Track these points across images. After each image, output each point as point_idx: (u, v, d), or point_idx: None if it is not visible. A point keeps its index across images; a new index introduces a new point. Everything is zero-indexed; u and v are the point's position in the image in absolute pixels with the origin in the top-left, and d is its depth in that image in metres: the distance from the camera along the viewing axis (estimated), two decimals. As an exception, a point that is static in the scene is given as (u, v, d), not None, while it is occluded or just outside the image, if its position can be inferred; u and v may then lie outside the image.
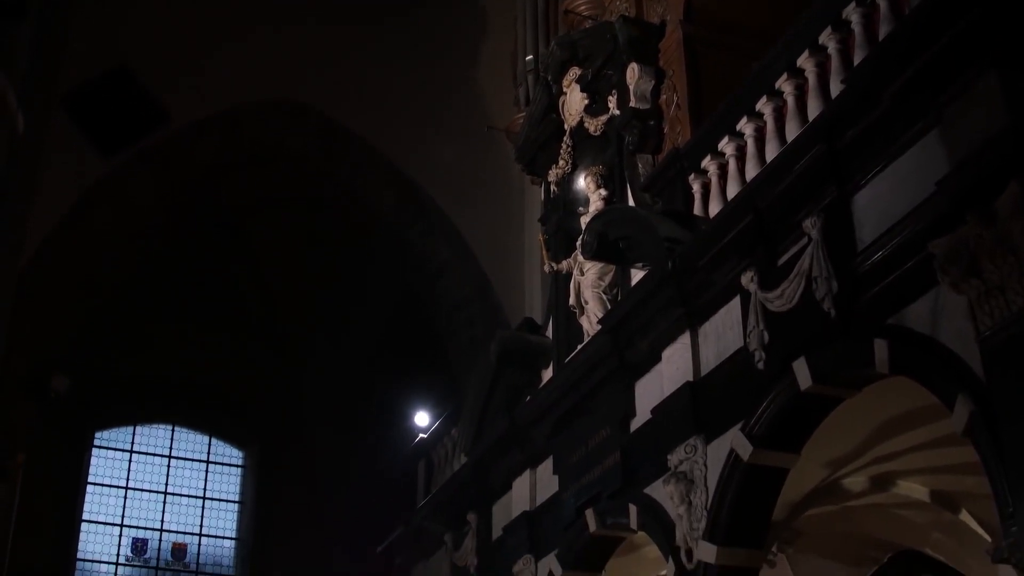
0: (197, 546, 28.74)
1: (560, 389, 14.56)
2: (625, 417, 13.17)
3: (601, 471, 13.48)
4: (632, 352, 12.94)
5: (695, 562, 11.15)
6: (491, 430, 16.38)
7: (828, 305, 9.48)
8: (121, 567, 27.85)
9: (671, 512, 11.65)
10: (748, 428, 10.64)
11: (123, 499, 28.35)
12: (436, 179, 24.18)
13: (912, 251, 8.64)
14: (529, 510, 15.52)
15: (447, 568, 18.11)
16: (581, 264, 14.46)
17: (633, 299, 12.73)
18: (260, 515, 28.77)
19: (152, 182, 23.54)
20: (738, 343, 11.01)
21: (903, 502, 12.49)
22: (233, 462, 29.81)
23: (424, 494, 19.98)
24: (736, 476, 10.81)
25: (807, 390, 9.99)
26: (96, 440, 28.38)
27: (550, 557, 14.65)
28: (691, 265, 11.51)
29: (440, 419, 20.01)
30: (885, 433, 11.13)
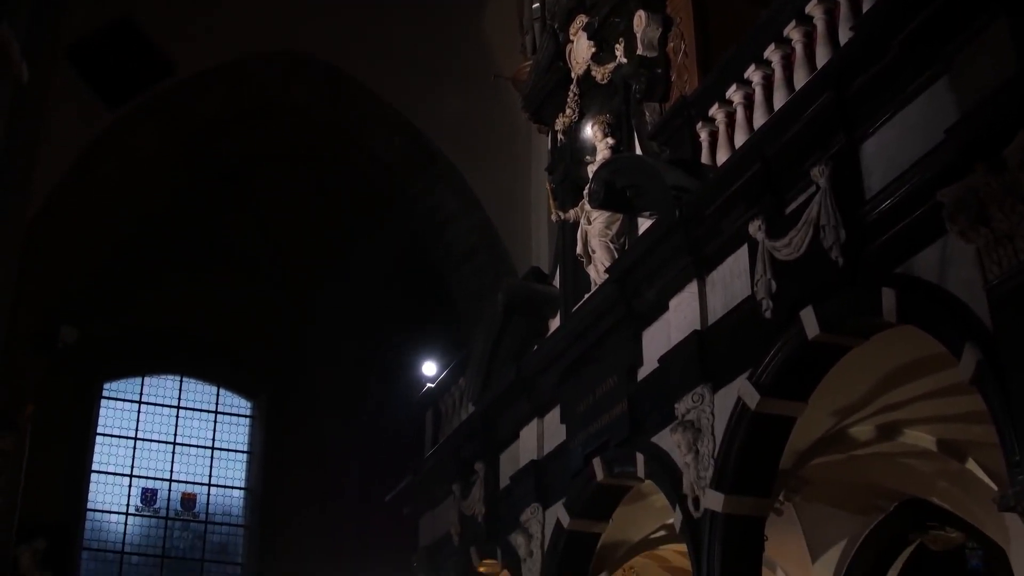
0: (206, 496, 28.90)
1: (567, 338, 14.57)
2: (632, 366, 13.18)
3: (608, 420, 13.51)
4: (639, 301, 12.94)
5: (702, 510, 11.18)
6: (498, 379, 16.42)
7: (836, 254, 9.46)
8: (131, 517, 28.01)
9: (678, 461, 11.67)
10: (755, 377, 10.64)
11: (132, 450, 28.48)
12: (442, 128, 24.11)
13: (920, 199, 8.60)
14: (536, 459, 15.57)
15: (455, 517, 18.19)
16: (588, 213, 14.42)
17: (640, 248, 12.71)
18: (268, 465, 28.89)
19: (157, 134, 23.49)
20: (746, 292, 11.00)
21: (910, 451, 12.51)
22: (241, 412, 29.93)
23: (432, 443, 20.05)
24: (743, 425, 10.83)
25: (814, 339, 9.99)
26: (105, 391, 28.49)
27: (557, 506, 14.71)
28: (698, 214, 11.48)
29: (447, 369, 20.04)
30: (892, 382, 11.13)
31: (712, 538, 10.99)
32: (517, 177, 22.65)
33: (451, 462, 18.51)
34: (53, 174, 20.97)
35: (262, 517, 28.54)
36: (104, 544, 27.58)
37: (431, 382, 20.56)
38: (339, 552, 26.19)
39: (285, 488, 28.07)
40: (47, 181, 20.66)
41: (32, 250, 18.44)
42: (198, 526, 28.71)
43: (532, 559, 15.16)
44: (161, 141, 23.70)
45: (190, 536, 28.65)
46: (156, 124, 23.26)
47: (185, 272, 27.14)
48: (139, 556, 27.87)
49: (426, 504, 20.01)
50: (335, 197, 26.94)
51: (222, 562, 28.62)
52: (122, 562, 27.62)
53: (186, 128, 24.02)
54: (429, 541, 19.77)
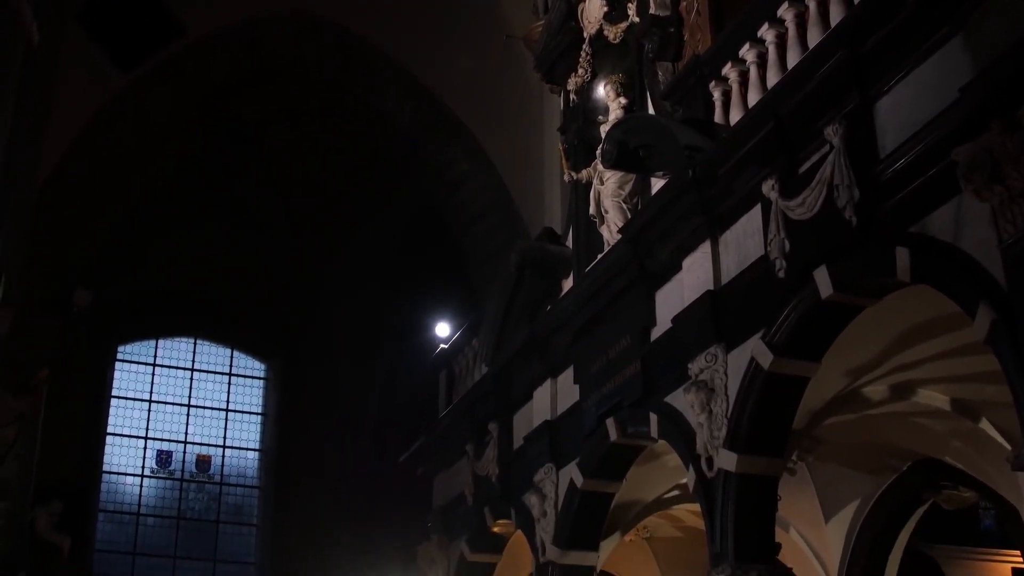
0: (221, 457, 29.01)
1: (580, 299, 14.57)
2: (646, 326, 13.18)
3: (622, 380, 13.53)
4: (652, 261, 12.92)
5: (715, 470, 11.20)
6: (512, 340, 16.44)
7: (850, 213, 9.43)
8: (146, 479, 28.14)
9: (691, 421, 11.69)
10: (769, 337, 10.64)
11: (147, 412, 28.59)
12: (454, 89, 24.04)
13: (935, 158, 8.56)
14: (550, 419, 15.60)
15: (469, 477, 18.25)
16: (601, 173, 14.39)
17: (653, 208, 12.68)
18: (283, 426, 28.99)
19: (170, 97, 23.47)
20: (759, 251, 10.97)
21: (923, 410, 12.50)
22: (255, 374, 29.99)
23: (445, 404, 20.09)
24: (756, 385, 10.83)
25: (828, 298, 9.97)
26: (119, 354, 28.57)
27: (571, 466, 14.75)
28: (712, 173, 11.44)
29: (461, 330, 20.06)
30: (906, 341, 11.12)
31: (725, 498, 11.01)
32: (529, 138, 22.58)
33: (465, 423, 18.56)
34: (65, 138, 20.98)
35: (277, 478, 28.65)
36: (120, 506, 27.73)
37: (444, 343, 20.58)
38: (353, 513, 26.30)
39: (299, 450, 28.17)
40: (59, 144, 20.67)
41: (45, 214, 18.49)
42: (213, 488, 28.85)
43: (546, 519, 15.22)
44: (173, 104, 23.68)
45: (205, 498, 28.79)
46: (168, 87, 23.23)
47: (198, 235, 27.15)
48: (155, 518, 28.02)
49: (440, 465, 20.07)
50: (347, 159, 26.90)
51: (237, 523, 28.76)
52: (138, 523, 27.77)
53: (198, 90, 23.99)
54: (443, 502, 19.85)
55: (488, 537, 18.00)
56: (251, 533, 28.75)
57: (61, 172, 20.92)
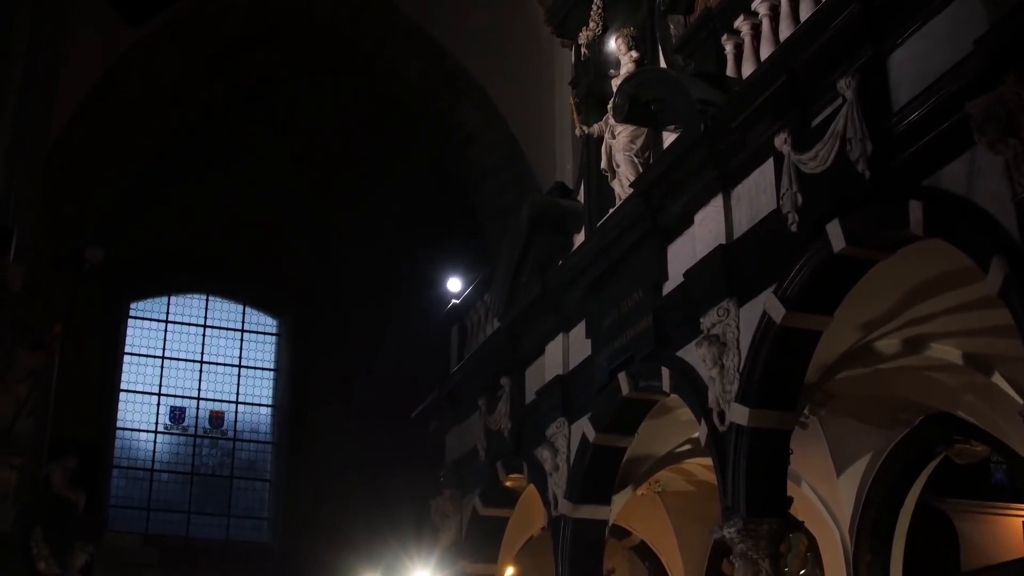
0: (234, 413, 29.11)
1: (592, 253, 14.56)
2: (657, 280, 13.18)
3: (634, 334, 13.54)
4: (664, 215, 12.90)
5: (727, 424, 11.22)
6: (524, 295, 16.44)
7: (862, 166, 9.39)
8: (160, 435, 28.26)
9: (704, 375, 11.70)
10: (781, 291, 10.63)
11: (160, 368, 28.67)
12: (464, 44, 23.92)
13: (949, 111, 8.52)
14: (562, 374, 15.62)
15: (481, 432, 18.29)
16: (612, 127, 14.35)
17: (665, 162, 12.65)
18: (295, 382, 29.06)
19: (179, 54, 23.40)
20: (771, 205, 10.95)
21: (936, 364, 12.50)
22: (267, 330, 30.05)
23: (457, 359, 20.13)
24: (769, 339, 10.84)
25: (840, 252, 9.95)
26: (131, 311, 28.63)
27: (583, 420, 14.79)
28: (724, 127, 11.41)
29: (472, 285, 20.06)
30: (918, 295, 11.10)
31: (737, 452, 11.04)
32: (541, 92, 22.49)
33: (477, 378, 18.60)
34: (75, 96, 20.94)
35: (290, 434, 28.75)
36: (134, 462, 27.86)
37: (456, 298, 20.59)
38: (366, 468, 26.37)
39: (312, 405, 28.25)
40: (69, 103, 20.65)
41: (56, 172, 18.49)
42: (226, 443, 28.95)
43: (558, 473, 15.27)
44: (183, 60, 23.60)
45: (218, 453, 28.90)
46: (178, 43, 23.16)
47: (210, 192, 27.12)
48: (168, 473, 28.15)
49: (452, 420, 20.12)
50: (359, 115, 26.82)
51: (251, 478, 28.88)
52: (152, 479, 27.91)
53: (208, 47, 23.91)
54: (455, 456, 19.91)
55: (500, 491, 18.07)
56: (264, 488, 28.88)
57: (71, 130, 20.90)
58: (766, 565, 10.87)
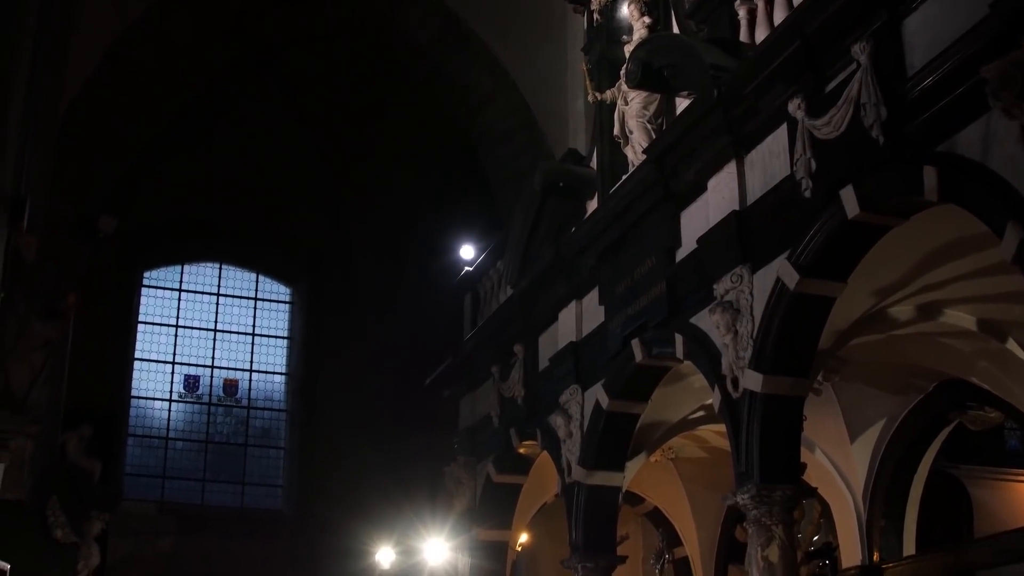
0: (248, 381, 29.19)
1: (605, 220, 14.53)
2: (671, 247, 13.15)
3: (647, 301, 13.52)
4: (677, 181, 12.87)
5: (741, 391, 11.22)
6: (537, 262, 16.43)
7: (877, 132, 9.35)
8: (174, 403, 28.36)
9: (717, 341, 11.69)
10: (795, 257, 10.60)
11: (174, 337, 28.74)
12: (478, 10, 23.83)
13: (964, 76, 8.46)
14: (575, 340, 15.63)
15: (494, 399, 18.33)
16: (625, 93, 14.28)
17: (678, 128, 12.61)
18: (308, 350, 29.13)
19: (190, 20, 23.34)
20: (785, 171, 10.91)
21: (949, 331, 12.48)
22: (281, 298, 30.09)
23: (471, 327, 20.14)
24: (782, 305, 10.81)
25: (854, 218, 9.92)
26: (145, 280, 28.69)
27: (596, 387, 14.79)
28: (737, 93, 11.35)
29: (485, 252, 20.06)
30: (933, 261, 11.08)
31: (751, 418, 11.04)
32: (553, 58, 22.41)
33: (490, 345, 18.62)
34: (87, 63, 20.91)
35: (303, 401, 28.85)
36: (149, 430, 27.98)
37: (469, 265, 20.60)
38: (380, 434, 26.46)
39: (325, 373, 28.32)
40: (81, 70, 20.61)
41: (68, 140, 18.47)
42: (240, 411, 29.06)
43: (571, 440, 15.30)
44: (195, 26, 23.56)
45: (233, 421, 29.01)
46: (190, 9, 23.11)
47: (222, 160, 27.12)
48: (183, 441, 28.27)
49: (466, 387, 20.16)
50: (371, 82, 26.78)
51: (265, 446, 29.01)
52: (167, 447, 28.04)
53: (219, 13, 23.85)
54: (469, 423, 19.96)
55: (514, 458, 18.12)
56: (279, 456, 29.00)
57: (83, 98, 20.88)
58: (779, 531, 10.88)
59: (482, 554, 18.79)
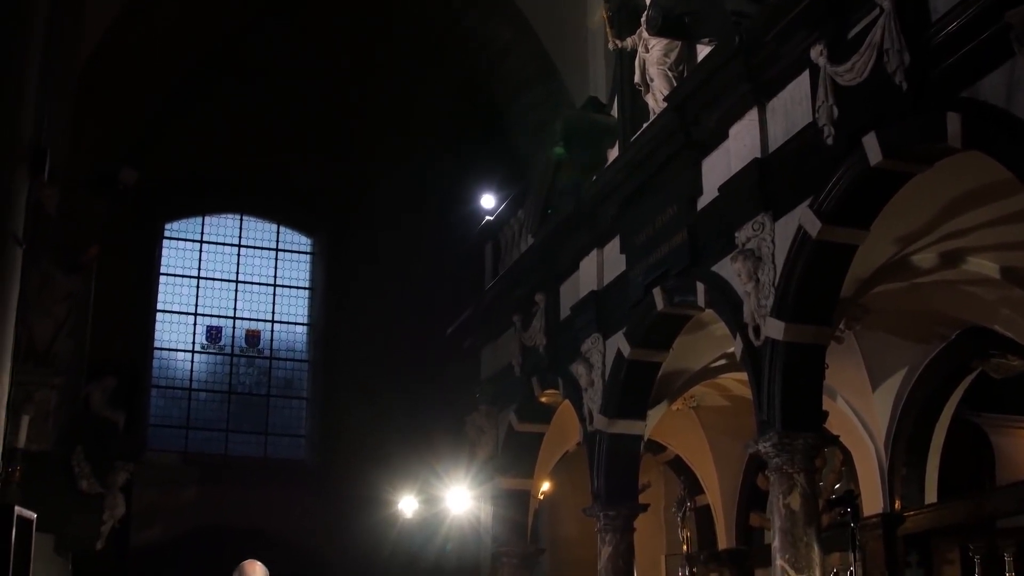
0: (270, 332, 29.27)
1: (626, 168, 14.49)
2: (692, 195, 13.12)
3: (668, 249, 13.51)
4: (698, 129, 12.81)
5: (763, 339, 11.21)
6: (558, 211, 16.40)
7: (900, 78, 9.28)
8: (197, 354, 28.47)
9: (739, 289, 11.67)
10: (817, 204, 10.56)
11: (196, 288, 28.81)
12: (496, -43, 23.67)
13: (988, 21, 8.38)
14: (596, 289, 15.63)
15: (516, 348, 18.36)
16: (646, 41, 14.21)
17: (699, 75, 12.55)
18: (330, 300, 29.17)
19: (213, -30, 23.25)
20: (807, 118, 10.85)
21: (972, 279, 12.44)
22: (302, 249, 30.12)
23: (492, 276, 20.15)
24: (804, 253, 10.78)
25: (877, 165, 9.86)
26: (166, 231, 28.72)
27: (618, 335, 14.80)
28: (758, 39, 11.28)
29: (506, 201, 20.04)
30: (956, 209, 11.02)
31: (773, 366, 11.04)
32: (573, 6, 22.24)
33: (511, 294, 18.64)
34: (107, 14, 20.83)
35: (325, 352, 28.91)
36: (172, 381, 28.10)
37: (490, 214, 20.58)
38: (401, 384, 26.51)
39: (347, 323, 28.36)
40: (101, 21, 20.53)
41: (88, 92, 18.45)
42: (263, 362, 29.14)
43: (593, 388, 15.33)
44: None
45: (255, 372, 29.09)
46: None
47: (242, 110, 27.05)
48: (206, 392, 28.39)
49: (487, 336, 20.20)
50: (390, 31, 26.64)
51: (287, 396, 29.10)
52: (190, 398, 28.15)
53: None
54: (491, 373, 20.01)
55: (536, 407, 18.18)
56: (301, 406, 29.10)
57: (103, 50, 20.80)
58: (801, 479, 10.91)
59: (504, 503, 18.89)
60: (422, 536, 21.53)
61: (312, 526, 25.78)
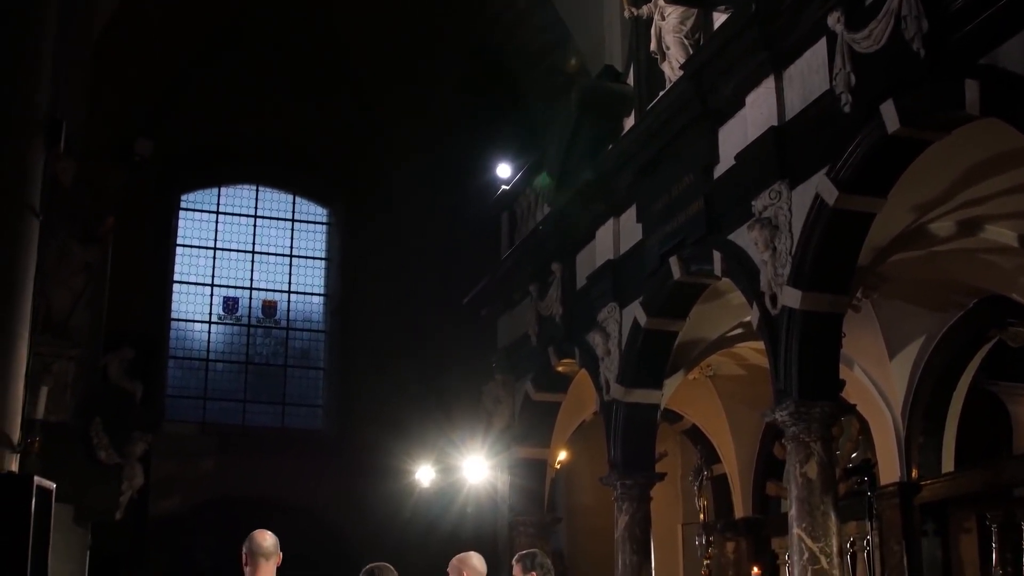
0: (287, 303, 29.31)
1: (642, 137, 14.46)
2: (708, 163, 13.09)
3: (685, 218, 13.48)
4: (715, 97, 12.77)
5: (779, 307, 11.19)
6: (574, 180, 16.37)
7: (918, 45, 9.22)
8: (214, 325, 28.52)
9: (755, 258, 11.65)
10: (834, 172, 10.52)
11: (212, 259, 28.84)
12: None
13: (1007, -13, 8.33)
14: (613, 258, 15.62)
15: (533, 318, 18.37)
16: (662, 8, 14.15)
17: (716, 43, 12.50)
18: (346, 271, 29.18)
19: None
20: (824, 86, 10.80)
21: (990, 247, 12.39)
22: (318, 220, 30.13)
23: (508, 245, 20.15)
24: (821, 221, 10.76)
25: (895, 133, 9.82)
26: (182, 203, 28.73)
27: (635, 305, 14.80)
28: (775, 6, 11.23)
29: (522, 170, 20.01)
30: (974, 177, 10.97)
31: (790, 335, 11.03)
32: (588, -27, 22.16)
33: (527, 263, 18.64)
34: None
35: (342, 322, 28.94)
36: (189, 352, 28.16)
37: (506, 184, 20.56)
38: (418, 354, 26.55)
39: (363, 293, 28.37)
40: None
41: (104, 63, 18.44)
42: (280, 332, 29.19)
43: (610, 358, 15.34)
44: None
45: (272, 342, 29.15)
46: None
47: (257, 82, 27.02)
48: (223, 363, 28.46)
49: (503, 306, 20.21)
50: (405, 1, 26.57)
51: (304, 367, 29.16)
52: (207, 369, 28.22)
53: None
54: (507, 342, 20.02)
55: (552, 376, 18.20)
56: (318, 376, 29.16)
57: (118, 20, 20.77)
58: (818, 448, 10.91)
59: (521, 472, 18.95)
60: (439, 505, 21.59)
61: (329, 496, 25.86)
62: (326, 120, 28.03)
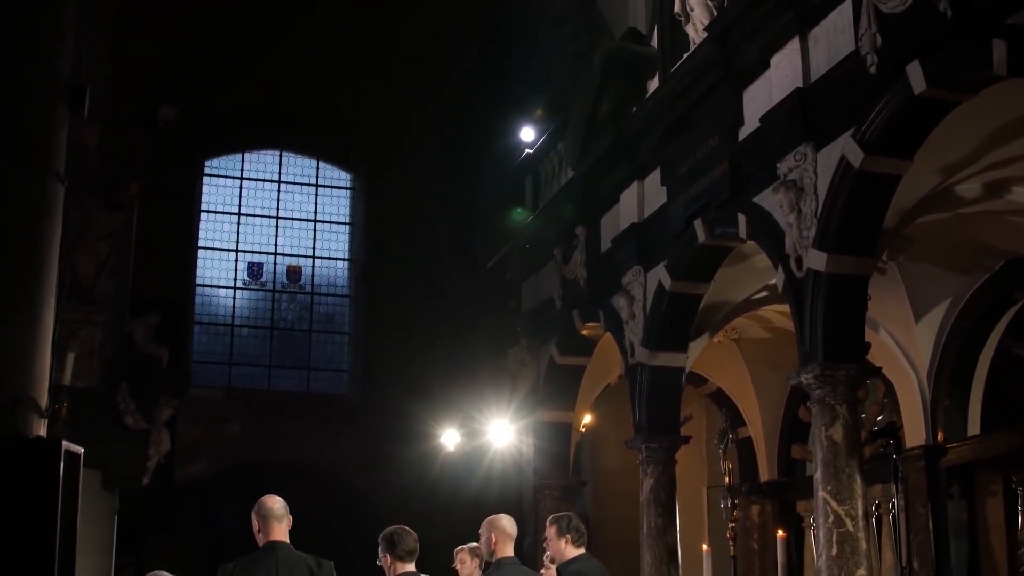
0: (311, 268, 29.36)
1: (666, 99, 14.41)
2: (733, 126, 13.03)
3: (709, 181, 13.44)
4: (739, 59, 12.71)
5: (805, 270, 11.17)
6: (597, 143, 16.33)
7: (944, 5, 9.15)
8: (239, 291, 28.60)
9: (780, 220, 11.62)
10: (859, 134, 10.46)
11: (236, 225, 28.90)
12: None
13: (1035, -56, 8.25)
14: (637, 222, 15.59)
15: (557, 281, 18.37)
16: (686, -29, 14.07)
17: (740, 4, 12.42)
18: (370, 235, 29.19)
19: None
20: (850, 47, 10.73)
21: (1017, 208, 12.34)
22: (342, 185, 30.14)
23: (532, 209, 20.12)
24: (847, 183, 10.71)
25: (921, 94, 9.75)
26: (207, 168, 28.77)
27: (659, 268, 14.78)
28: (800, -33, 11.15)
29: (546, 134, 19.96)
30: (1001, 138, 10.91)
31: (815, 298, 11.00)
32: (611, -65, 22.04)
33: (552, 227, 18.61)
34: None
35: (366, 287, 28.98)
36: (214, 318, 28.25)
37: (530, 147, 20.52)
38: (442, 319, 26.56)
39: (387, 257, 28.39)
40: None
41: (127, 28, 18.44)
42: (304, 297, 29.25)
43: (634, 321, 15.33)
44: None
45: (297, 307, 29.21)
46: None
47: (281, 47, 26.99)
48: (249, 328, 28.55)
49: (528, 269, 20.20)
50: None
51: (329, 332, 29.22)
52: (232, 334, 28.32)
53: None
54: (532, 306, 20.03)
55: (577, 340, 18.21)
56: (343, 341, 29.23)
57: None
58: (843, 411, 10.90)
59: (546, 435, 18.99)
60: (464, 469, 21.66)
61: (355, 460, 25.95)
62: (349, 85, 27.98)
